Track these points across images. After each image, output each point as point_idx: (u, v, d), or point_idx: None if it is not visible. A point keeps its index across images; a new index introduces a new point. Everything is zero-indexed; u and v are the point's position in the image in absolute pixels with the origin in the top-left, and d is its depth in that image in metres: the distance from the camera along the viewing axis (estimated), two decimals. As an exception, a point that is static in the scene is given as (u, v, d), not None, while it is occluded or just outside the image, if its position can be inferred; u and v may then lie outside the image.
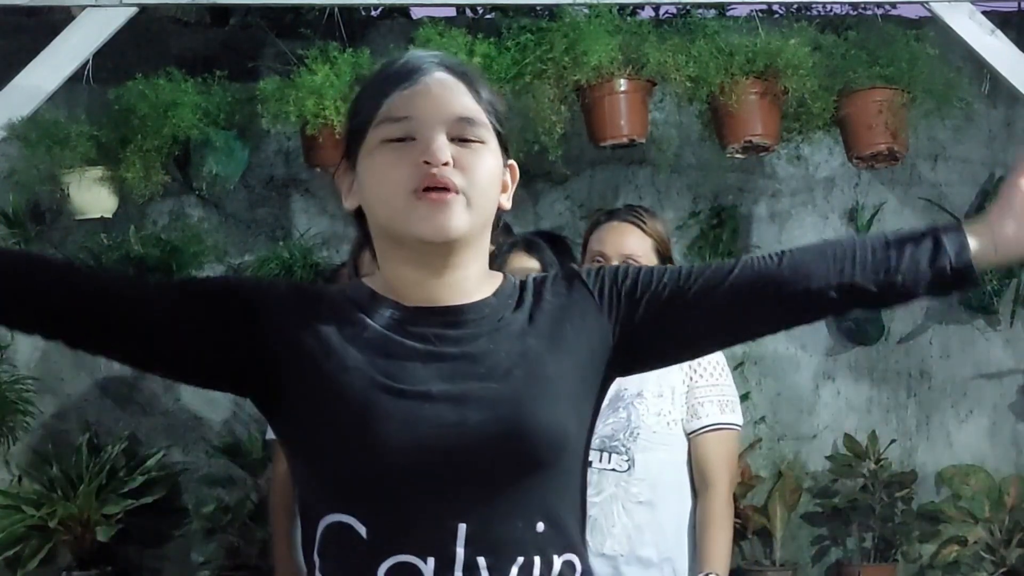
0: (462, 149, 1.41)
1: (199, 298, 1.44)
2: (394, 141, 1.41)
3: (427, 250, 1.42)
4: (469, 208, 1.40)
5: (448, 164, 1.39)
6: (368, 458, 1.37)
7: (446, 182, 1.38)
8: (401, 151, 1.40)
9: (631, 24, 4.14)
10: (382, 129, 1.42)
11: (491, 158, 1.44)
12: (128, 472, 4.66)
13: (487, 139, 1.44)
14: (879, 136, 4.09)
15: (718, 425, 2.82)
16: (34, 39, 4.17)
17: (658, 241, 2.85)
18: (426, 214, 1.38)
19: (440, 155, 1.38)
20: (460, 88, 1.44)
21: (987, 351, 5.00)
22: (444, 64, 1.46)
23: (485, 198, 1.43)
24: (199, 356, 1.43)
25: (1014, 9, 4.91)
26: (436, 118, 1.40)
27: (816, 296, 1.45)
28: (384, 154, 1.41)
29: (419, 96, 1.42)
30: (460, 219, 1.39)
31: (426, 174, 1.38)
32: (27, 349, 4.90)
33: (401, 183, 1.39)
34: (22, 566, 4.48)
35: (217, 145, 4.23)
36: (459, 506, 1.36)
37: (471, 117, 1.43)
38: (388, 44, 4.43)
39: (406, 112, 1.41)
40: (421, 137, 1.40)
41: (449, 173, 1.39)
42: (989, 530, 4.70)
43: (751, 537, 4.81)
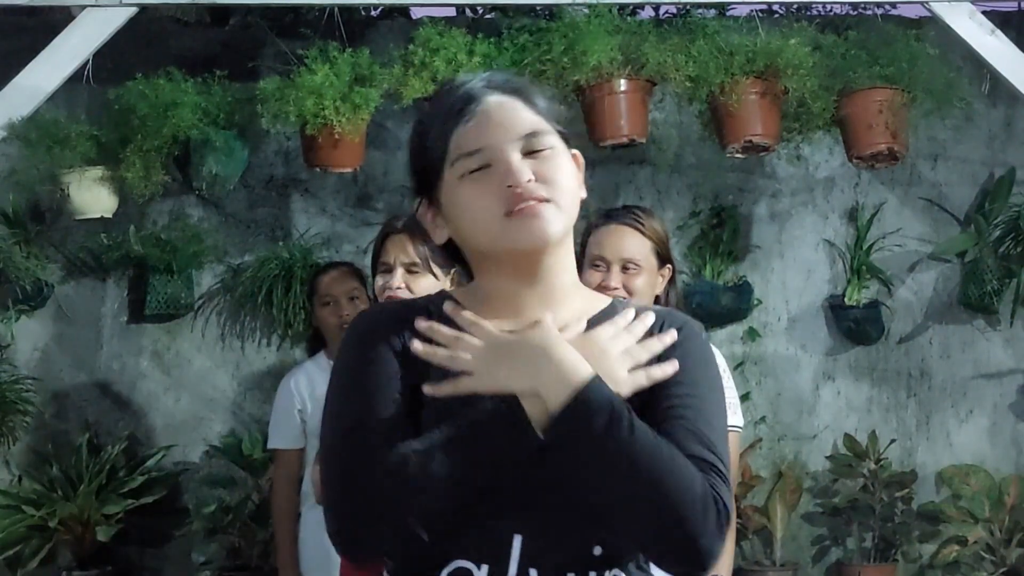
0: (536, 162, 1.48)
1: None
2: (474, 172, 1.48)
3: (524, 261, 1.49)
4: (560, 212, 1.48)
5: (531, 181, 1.46)
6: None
7: (535, 197, 1.46)
8: (483, 180, 1.47)
9: (631, 24, 4.14)
10: (459, 165, 1.48)
11: (564, 160, 1.52)
12: (128, 472, 4.67)
13: (555, 144, 1.51)
14: (879, 136, 4.09)
15: None
16: (34, 39, 4.17)
17: (657, 242, 2.85)
18: (522, 227, 1.46)
19: (522, 176, 1.46)
20: (517, 105, 1.52)
21: (987, 351, 5.00)
22: (493, 86, 1.53)
23: (571, 199, 1.51)
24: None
25: (1014, 9, 4.92)
26: (506, 141, 1.48)
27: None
28: (468, 187, 1.48)
29: (483, 125, 1.49)
30: (555, 224, 1.47)
31: (513, 195, 1.46)
32: (27, 349, 4.90)
33: (492, 209, 1.46)
34: (22, 566, 4.48)
35: (217, 145, 4.23)
36: (518, 519, 1.43)
37: (535, 130, 1.50)
38: (388, 44, 4.43)
39: (477, 144, 1.48)
40: (497, 163, 1.47)
41: (535, 188, 1.46)
42: (989, 530, 4.71)
43: (751, 537, 4.81)
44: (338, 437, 1.47)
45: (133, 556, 4.84)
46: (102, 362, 4.96)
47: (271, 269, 4.72)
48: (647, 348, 1.47)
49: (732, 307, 4.88)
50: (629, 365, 1.45)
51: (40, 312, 4.90)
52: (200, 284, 4.95)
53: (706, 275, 4.87)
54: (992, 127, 5.03)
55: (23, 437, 4.75)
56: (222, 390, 4.96)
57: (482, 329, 1.45)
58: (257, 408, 4.90)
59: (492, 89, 1.52)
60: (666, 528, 1.38)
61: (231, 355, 4.97)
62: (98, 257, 4.86)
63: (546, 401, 1.39)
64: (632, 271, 2.80)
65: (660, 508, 1.38)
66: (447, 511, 1.40)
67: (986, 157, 5.03)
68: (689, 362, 1.50)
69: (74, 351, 4.95)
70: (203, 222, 4.92)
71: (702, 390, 1.50)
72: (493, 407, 1.41)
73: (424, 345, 1.46)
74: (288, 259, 4.74)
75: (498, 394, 1.41)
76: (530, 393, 1.39)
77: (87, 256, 4.90)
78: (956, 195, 5.03)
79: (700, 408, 1.48)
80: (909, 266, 5.02)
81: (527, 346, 1.42)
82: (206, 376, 4.97)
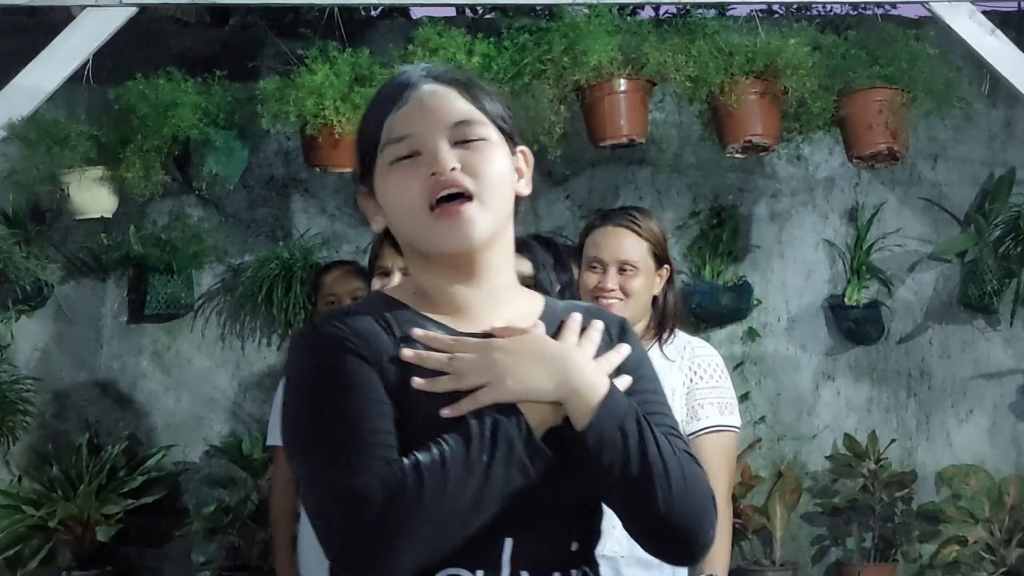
0: (466, 152, 1.44)
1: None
2: (402, 159, 1.45)
3: (456, 260, 1.46)
4: (484, 209, 1.44)
5: (455, 169, 1.43)
6: None
7: (457, 187, 1.42)
8: (409, 168, 1.44)
9: (631, 24, 4.14)
10: (388, 151, 1.46)
11: (496, 153, 1.47)
12: (128, 472, 4.67)
13: (489, 135, 1.47)
14: (879, 136, 4.09)
15: (717, 427, 2.82)
16: (34, 39, 4.17)
17: (654, 243, 2.85)
18: (446, 230, 1.43)
19: (445, 163, 1.42)
20: (451, 94, 1.48)
21: (987, 351, 5.00)
22: (432, 75, 1.50)
23: (498, 194, 1.46)
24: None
25: (1014, 9, 4.91)
26: (434, 129, 1.44)
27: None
28: (395, 173, 1.46)
29: (414, 112, 1.46)
30: (479, 226, 1.43)
31: (436, 184, 1.42)
32: (27, 349, 4.90)
33: (416, 198, 1.43)
34: (22, 566, 4.48)
35: (217, 145, 4.23)
36: (507, 522, 1.40)
37: (467, 119, 1.46)
38: (388, 44, 4.43)
39: (405, 130, 1.45)
40: (425, 150, 1.44)
41: (458, 177, 1.42)
42: (989, 530, 4.70)
43: (751, 537, 4.81)
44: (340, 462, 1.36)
45: (133, 556, 4.84)
46: (102, 362, 4.96)
47: (271, 269, 4.72)
48: (608, 360, 1.46)
49: (732, 307, 4.88)
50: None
51: (40, 312, 4.90)
52: (200, 284, 4.95)
53: (706, 275, 4.87)
54: (992, 127, 5.03)
55: (23, 437, 4.75)
56: (222, 390, 4.96)
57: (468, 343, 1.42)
58: (257, 408, 4.90)
59: (429, 78, 1.49)
60: (680, 524, 1.41)
61: (231, 355, 4.97)
62: (98, 257, 4.86)
63: (572, 407, 1.39)
64: (629, 272, 2.81)
65: (682, 506, 1.41)
66: (465, 528, 1.36)
67: (986, 157, 5.03)
68: (640, 361, 1.52)
69: (74, 351, 4.95)
70: (203, 222, 4.92)
71: (657, 386, 1.53)
72: (501, 416, 1.37)
73: (416, 352, 1.41)
74: (288, 259, 4.73)
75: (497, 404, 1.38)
76: (557, 400, 1.39)
77: (87, 256, 4.90)
78: (956, 195, 5.03)
79: (663, 405, 1.52)
80: (909, 266, 5.02)
81: (544, 352, 1.41)
82: (206, 376, 4.97)
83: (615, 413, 1.39)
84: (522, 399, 1.39)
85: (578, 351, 1.43)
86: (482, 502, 1.35)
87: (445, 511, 1.34)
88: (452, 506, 1.34)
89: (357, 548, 1.34)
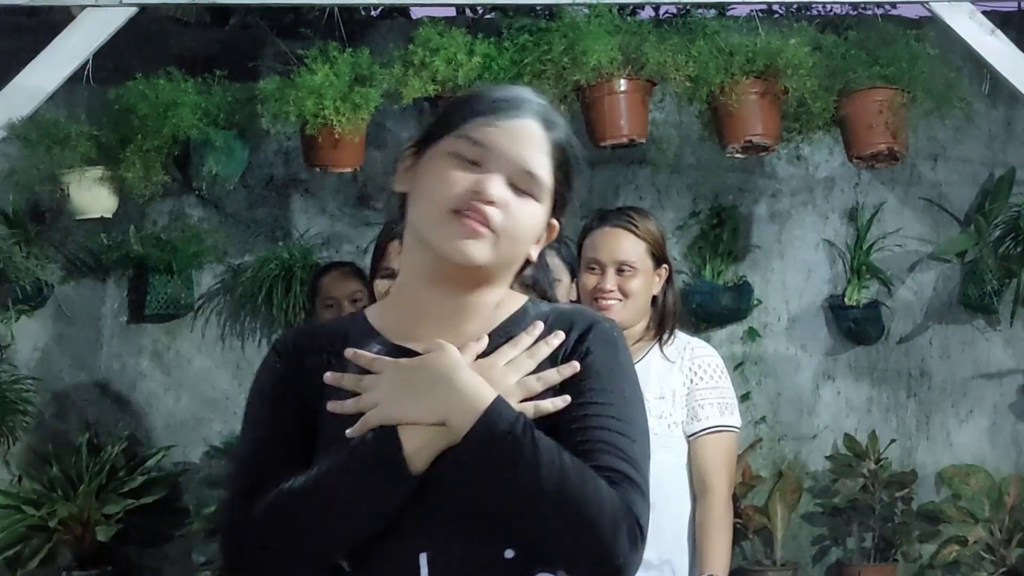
0: (515, 197, 1.46)
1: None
2: (462, 159, 1.46)
3: (445, 268, 1.46)
4: (495, 248, 1.45)
5: (494, 204, 1.44)
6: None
7: (485, 217, 1.43)
8: (463, 171, 1.45)
9: (631, 24, 4.14)
10: (458, 143, 1.47)
11: (536, 214, 1.49)
12: (128, 472, 4.67)
13: (541, 198, 1.49)
14: (879, 136, 4.09)
15: (718, 427, 2.82)
16: (34, 39, 4.16)
17: (652, 243, 2.85)
18: (454, 234, 1.43)
19: (492, 193, 1.44)
20: (542, 143, 1.49)
21: (987, 351, 5.00)
22: (542, 115, 1.51)
23: (514, 246, 1.48)
24: None
25: (1014, 9, 4.91)
26: (506, 161, 1.46)
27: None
28: (448, 165, 1.46)
29: (502, 131, 1.47)
30: (484, 253, 1.44)
31: (471, 203, 1.43)
32: (27, 349, 4.90)
33: (447, 198, 1.44)
34: (22, 566, 4.48)
35: (217, 145, 4.23)
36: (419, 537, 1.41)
37: (536, 174, 1.48)
38: (388, 44, 4.43)
39: (484, 140, 1.46)
40: (486, 169, 1.45)
41: (491, 213, 1.44)
42: (989, 530, 4.70)
43: (751, 537, 4.81)
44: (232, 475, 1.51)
45: (133, 556, 4.83)
46: (102, 362, 4.96)
47: (271, 269, 4.72)
48: (544, 379, 1.45)
49: (732, 307, 4.88)
50: (519, 397, 1.43)
51: (40, 312, 4.90)
52: (200, 284, 4.95)
53: (706, 275, 4.87)
54: (992, 127, 5.03)
55: (23, 437, 4.75)
56: (222, 390, 4.96)
57: (376, 359, 1.45)
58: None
59: (538, 116, 1.50)
60: (577, 547, 1.37)
61: (231, 355, 4.97)
62: (98, 257, 4.87)
63: (452, 429, 1.38)
64: (627, 273, 2.81)
65: (570, 527, 1.36)
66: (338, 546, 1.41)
67: (986, 157, 5.03)
68: (597, 368, 1.47)
69: (74, 351, 4.95)
70: (203, 222, 4.92)
71: (614, 397, 1.46)
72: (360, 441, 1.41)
73: (333, 374, 1.46)
74: (288, 259, 4.74)
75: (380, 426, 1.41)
76: (436, 423, 1.39)
77: (87, 256, 4.90)
78: (956, 195, 5.03)
79: (612, 416, 1.44)
80: (909, 266, 5.02)
81: (429, 374, 1.41)
82: (206, 376, 4.97)
83: (486, 437, 1.36)
84: (400, 422, 1.40)
85: (463, 373, 1.40)
86: (348, 521, 1.40)
87: (310, 530, 1.40)
88: (316, 525, 1.40)
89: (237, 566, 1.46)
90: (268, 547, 1.42)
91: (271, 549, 1.42)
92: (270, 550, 1.42)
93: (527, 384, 1.44)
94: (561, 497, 1.35)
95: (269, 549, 1.42)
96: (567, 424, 1.43)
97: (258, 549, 1.42)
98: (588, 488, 1.36)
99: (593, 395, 1.45)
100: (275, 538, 1.41)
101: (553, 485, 1.35)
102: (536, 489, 1.35)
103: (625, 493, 1.39)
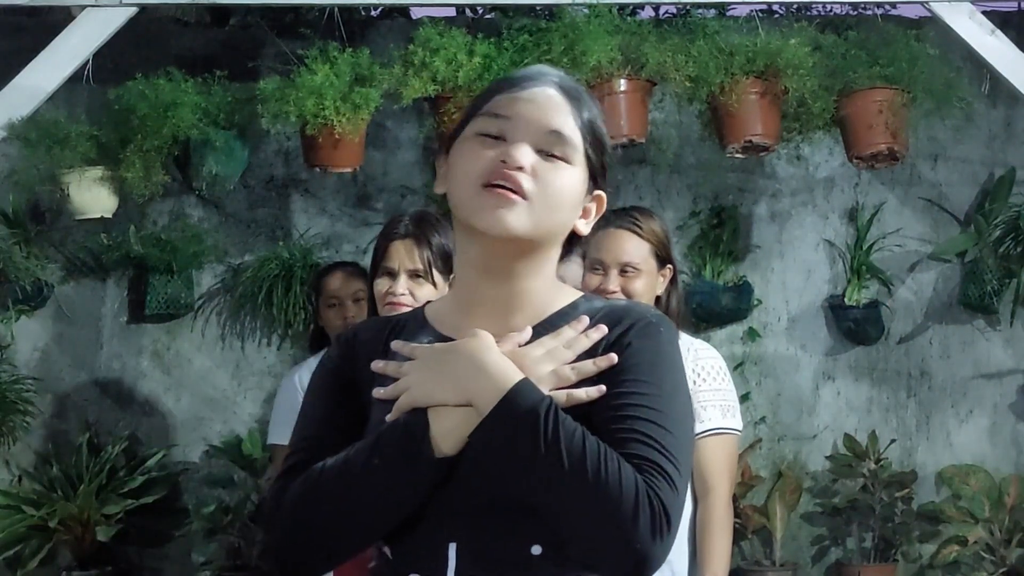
0: (544, 162, 1.45)
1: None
2: (487, 136, 1.46)
3: (490, 249, 1.46)
4: (531, 213, 1.43)
5: (523, 169, 1.43)
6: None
7: (516, 184, 1.42)
8: (488, 146, 1.45)
9: (631, 24, 4.14)
10: (480, 122, 1.47)
11: (570, 177, 1.47)
12: (128, 472, 4.67)
13: (573, 159, 1.48)
14: (879, 136, 4.09)
15: (719, 429, 2.80)
16: (34, 39, 4.17)
17: (655, 244, 2.84)
18: (488, 205, 1.42)
19: (519, 159, 1.43)
20: (564, 106, 1.49)
21: (987, 351, 5.00)
22: (559, 82, 1.51)
23: (551, 211, 1.46)
24: None
25: (1014, 9, 4.92)
26: (529, 126, 1.45)
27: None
28: (473, 145, 1.46)
29: (522, 101, 1.47)
30: (520, 219, 1.42)
31: (500, 171, 1.42)
32: (27, 349, 4.90)
33: (476, 174, 1.44)
34: (22, 566, 4.48)
35: (217, 145, 4.23)
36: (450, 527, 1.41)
37: (563, 133, 1.47)
38: (388, 44, 4.43)
39: (505, 112, 1.46)
40: (510, 139, 1.44)
41: (521, 178, 1.43)
42: (989, 530, 4.70)
43: (751, 537, 4.81)
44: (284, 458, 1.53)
45: (133, 556, 4.84)
46: (102, 362, 4.96)
47: (271, 269, 4.72)
48: (579, 370, 1.44)
49: (732, 307, 4.88)
50: (552, 385, 1.42)
51: (40, 312, 4.91)
52: (200, 284, 4.95)
53: (706, 275, 4.87)
54: (992, 127, 5.03)
55: (23, 437, 4.75)
56: (222, 390, 4.96)
57: (412, 347, 1.47)
58: (257, 408, 4.90)
59: (554, 83, 1.50)
60: (597, 531, 1.35)
61: (231, 355, 4.97)
62: (98, 257, 4.87)
63: (478, 409, 1.38)
64: (630, 274, 2.80)
65: (589, 509, 1.34)
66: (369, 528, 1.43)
67: (986, 157, 5.03)
68: (636, 360, 1.45)
69: (74, 351, 4.95)
70: (203, 222, 4.92)
71: (651, 388, 1.43)
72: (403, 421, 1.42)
73: (378, 362, 1.49)
74: (288, 259, 4.74)
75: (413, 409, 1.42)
76: (462, 403, 1.39)
77: (87, 256, 4.90)
78: (956, 195, 5.03)
79: (648, 406, 1.42)
80: (909, 266, 5.02)
81: (458, 357, 1.42)
82: (206, 376, 4.97)
83: (506, 425, 1.36)
84: (428, 404, 1.41)
85: (492, 355, 1.40)
86: (376, 502, 1.41)
87: (340, 510, 1.41)
88: (345, 504, 1.41)
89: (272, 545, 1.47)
90: (302, 525, 1.43)
91: (305, 527, 1.43)
92: (305, 528, 1.43)
93: (561, 373, 1.44)
94: (581, 478, 1.33)
95: (303, 527, 1.43)
96: (602, 413, 1.42)
97: (293, 527, 1.43)
98: (610, 470, 1.34)
99: (629, 385, 1.42)
100: (308, 516, 1.42)
101: (574, 466, 1.33)
102: (556, 469, 1.33)
103: (653, 480, 1.36)
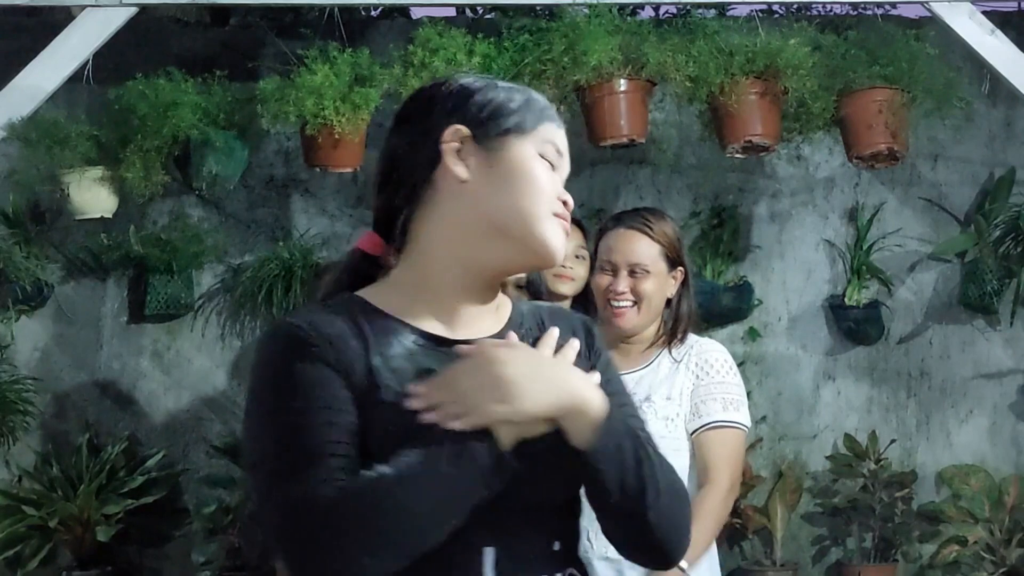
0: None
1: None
2: (547, 163, 1.53)
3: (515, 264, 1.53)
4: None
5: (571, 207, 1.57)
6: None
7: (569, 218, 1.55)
8: (551, 175, 1.53)
9: (631, 24, 4.14)
10: (544, 148, 1.53)
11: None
12: (128, 472, 4.67)
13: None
14: (879, 136, 4.09)
15: (720, 422, 2.74)
16: (34, 39, 4.17)
17: (666, 246, 2.82)
18: (557, 232, 1.50)
19: (569, 199, 1.55)
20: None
21: (987, 351, 5.00)
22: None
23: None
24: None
25: (1014, 9, 4.92)
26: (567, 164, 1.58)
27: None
28: (543, 168, 1.52)
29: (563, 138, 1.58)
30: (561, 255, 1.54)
31: (562, 206, 1.53)
32: (27, 349, 4.90)
33: (551, 201, 1.51)
34: (22, 566, 4.48)
35: (217, 145, 4.23)
36: (485, 532, 1.40)
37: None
38: (388, 44, 4.43)
39: (563, 149, 1.56)
40: (561, 176, 1.55)
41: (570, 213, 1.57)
42: (989, 530, 4.70)
43: (751, 537, 4.81)
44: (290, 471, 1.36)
45: (133, 556, 4.83)
46: (102, 362, 4.96)
47: (271, 269, 4.72)
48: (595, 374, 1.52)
49: (732, 307, 4.88)
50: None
51: (40, 312, 4.91)
52: (200, 284, 4.95)
53: (706, 275, 4.87)
54: (992, 127, 5.03)
55: (23, 437, 4.75)
56: (222, 390, 4.96)
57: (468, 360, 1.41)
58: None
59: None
60: (664, 535, 1.46)
61: (231, 355, 4.97)
62: (98, 257, 4.87)
63: (572, 425, 1.39)
64: (640, 275, 2.78)
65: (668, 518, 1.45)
66: (425, 541, 1.34)
67: (986, 157, 5.03)
68: (612, 371, 1.58)
69: (74, 351, 4.95)
70: (203, 222, 4.92)
71: (623, 387, 1.58)
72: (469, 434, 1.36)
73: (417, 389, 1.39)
74: (288, 259, 4.73)
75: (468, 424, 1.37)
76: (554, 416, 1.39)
77: (87, 256, 4.90)
78: (956, 195, 5.03)
79: (632, 407, 1.57)
80: (909, 266, 5.02)
81: (550, 371, 1.41)
82: (206, 376, 4.97)
83: (615, 431, 1.42)
84: (518, 419, 1.37)
85: (573, 367, 1.44)
86: (443, 515, 1.35)
87: (402, 524, 1.32)
88: (409, 519, 1.33)
89: (314, 563, 1.32)
90: (345, 533, 1.31)
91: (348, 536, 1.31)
92: (347, 537, 1.31)
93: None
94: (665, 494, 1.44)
95: (346, 535, 1.31)
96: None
97: (333, 534, 1.31)
98: (675, 480, 1.48)
99: (616, 398, 1.48)
100: (353, 525, 1.31)
101: (664, 467, 1.46)
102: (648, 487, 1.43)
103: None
